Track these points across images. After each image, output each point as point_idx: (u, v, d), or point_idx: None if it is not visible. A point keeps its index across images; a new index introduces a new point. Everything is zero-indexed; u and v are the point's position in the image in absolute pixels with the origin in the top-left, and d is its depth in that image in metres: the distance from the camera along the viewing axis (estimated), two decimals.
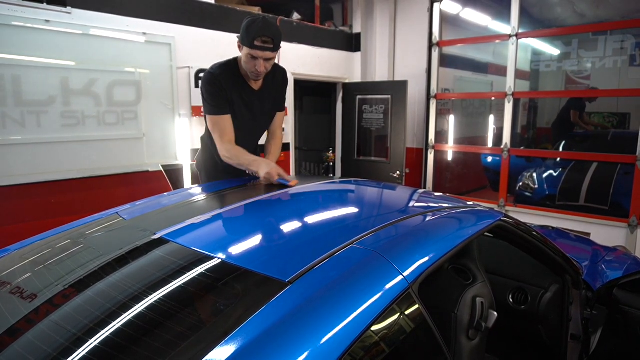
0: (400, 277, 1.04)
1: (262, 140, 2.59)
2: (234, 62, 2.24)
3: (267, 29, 2.03)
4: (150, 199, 1.78)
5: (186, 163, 4.02)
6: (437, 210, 1.55)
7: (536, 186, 5.30)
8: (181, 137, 4.00)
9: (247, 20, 2.06)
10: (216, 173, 2.38)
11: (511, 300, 1.96)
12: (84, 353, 0.86)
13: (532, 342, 2.01)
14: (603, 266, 2.23)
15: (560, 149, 5.66)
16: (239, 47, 2.13)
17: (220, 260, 1.09)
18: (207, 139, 2.41)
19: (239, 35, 2.13)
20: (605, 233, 4.33)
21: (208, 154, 2.43)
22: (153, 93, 3.79)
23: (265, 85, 2.31)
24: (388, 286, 1.01)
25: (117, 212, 1.60)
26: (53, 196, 3.33)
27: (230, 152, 2.16)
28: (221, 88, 2.17)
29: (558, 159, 5.56)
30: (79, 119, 3.39)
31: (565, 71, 6.23)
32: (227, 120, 2.19)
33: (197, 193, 1.87)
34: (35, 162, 3.22)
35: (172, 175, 3.90)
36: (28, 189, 3.21)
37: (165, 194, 1.92)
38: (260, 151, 2.50)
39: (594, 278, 2.06)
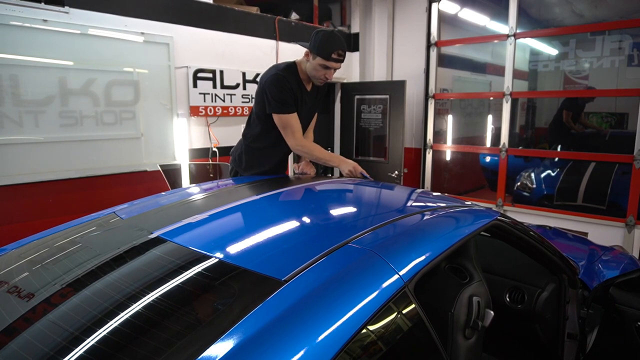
0: (396, 276, 1.04)
1: None
2: (294, 65, 2.43)
3: (342, 44, 2.30)
4: (147, 199, 1.78)
5: (184, 163, 4.02)
6: (433, 209, 1.55)
7: (534, 186, 5.31)
8: (179, 137, 4.00)
9: (323, 33, 2.29)
10: (261, 168, 2.50)
11: (508, 299, 1.96)
12: (81, 352, 0.86)
13: (528, 341, 2.01)
14: (600, 265, 2.24)
15: (558, 149, 5.67)
16: (307, 55, 2.34)
17: (217, 260, 1.09)
18: (263, 136, 2.49)
19: (304, 43, 2.38)
20: (603, 233, 4.35)
21: (257, 150, 2.52)
22: (151, 93, 3.79)
23: (313, 87, 2.52)
24: (384, 285, 1.01)
25: (114, 212, 1.60)
26: (51, 196, 3.34)
27: (307, 147, 2.40)
28: (290, 88, 2.34)
29: (556, 159, 5.56)
30: (77, 119, 3.39)
31: (564, 71, 6.23)
32: (296, 117, 2.38)
33: (195, 192, 1.87)
34: (33, 161, 3.22)
35: (170, 175, 3.90)
36: (26, 188, 3.21)
37: (162, 193, 1.92)
38: None
39: (591, 277, 2.06)
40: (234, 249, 1.18)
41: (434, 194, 2.00)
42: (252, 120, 2.51)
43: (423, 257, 1.14)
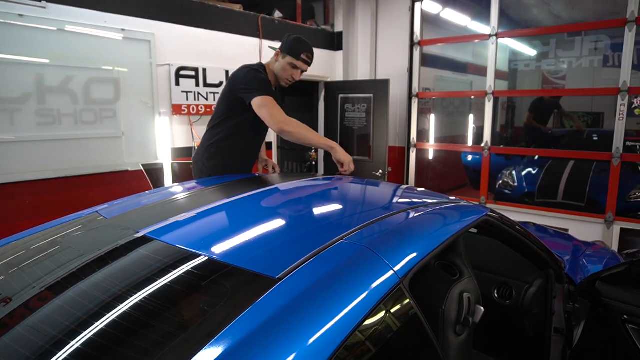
0: (391, 272, 1.03)
1: None
2: (264, 66, 2.52)
3: (312, 49, 2.48)
4: (130, 198, 1.73)
5: (167, 162, 3.95)
6: (425, 205, 1.55)
7: (515, 184, 5.40)
8: (161, 136, 3.93)
9: (295, 37, 2.46)
10: (230, 169, 2.45)
11: (496, 295, 1.97)
12: (65, 355, 0.82)
13: (516, 336, 2.03)
14: (584, 260, 2.28)
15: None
16: (277, 55, 2.48)
17: (208, 258, 1.06)
18: (231, 137, 2.47)
19: (272, 46, 2.45)
20: (583, 229, 4.44)
21: (225, 152, 2.49)
22: (132, 91, 3.71)
23: (277, 89, 2.60)
24: (379, 281, 0.99)
25: (96, 211, 1.55)
26: (27, 197, 3.23)
27: (293, 124, 2.30)
28: (268, 79, 2.44)
29: (536, 157, 5.67)
30: (54, 117, 3.29)
31: (542, 71, 6.36)
32: (275, 101, 2.37)
33: (180, 191, 1.83)
34: (8, 161, 3.11)
35: (153, 175, 3.82)
36: (1, 189, 3.10)
37: (146, 192, 1.88)
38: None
39: (576, 272, 2.09)
40: (225, 247, 1.15)
41: (424, 190, 2.00)
42: (217, 122, 2.49)
43: (417, 253, 1.13)
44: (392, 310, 1.00)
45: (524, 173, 5.46)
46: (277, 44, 2.54)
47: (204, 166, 2.50)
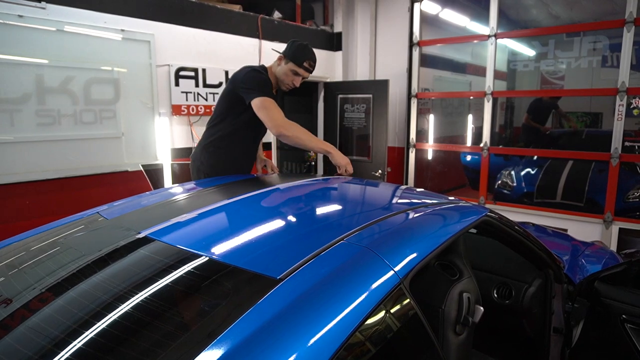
0: (391, 273, 1.03)
1: None
2: (265, 68, 2.54)
3: (315, 57, 2.51)
4: (131, 198, 1.74)
5: (166, 163, 3.95)
6: (425, 206, 1.56)
7: (514, 184, 5.40)
8: (161, 137, 3.93)
9: (299, 43, 2.48)
10: (229, 169, 2.47)
11: (496, 295, 1.98)
12: (68, 355, 0.83)
13: (516, 336, 2.04)
14: (583, 260, 2.28)
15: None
16: (280, 60, 2.49)
17: (209, 259, 1.07)
18: (230, 136, 2.49)
19: (278, 51, 2.53)
20: (582, 229, 4.45)
21: (223, 152, 2.51)
22: (132, 91, 3.71)
23: (278, 93, 2.62)
24: (380, 281, 1.00)
25: (98, 212, 1.55)
26: (28, 197, 3.23)
27: (293, 127, 2.32)
28: (269, 81, 2.46)
29: (535, 157, 5.68)
30: (54, 118, 3.29)
31: (541, 72, 6.37)
32: (276, 103, 2.38)
33: (181, 191, 1.83)
34: (8, 162, 3.11)
35: (153, 175, 3.83)
36: (0, 190, 3.10)
37: (146, 193, 1.88)
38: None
39: (575, 272, 2.10)
40: (226, 247, 1.15)
41: (423, 191, 2.01)
42: (216, 122, 2.51)
43: (417, 254, 1.14)
44: (393, 311, 1.01)
45: (522, 173, 5.47)
46: (280, 46, 2.55)
47: (202, 164, 2.51)
